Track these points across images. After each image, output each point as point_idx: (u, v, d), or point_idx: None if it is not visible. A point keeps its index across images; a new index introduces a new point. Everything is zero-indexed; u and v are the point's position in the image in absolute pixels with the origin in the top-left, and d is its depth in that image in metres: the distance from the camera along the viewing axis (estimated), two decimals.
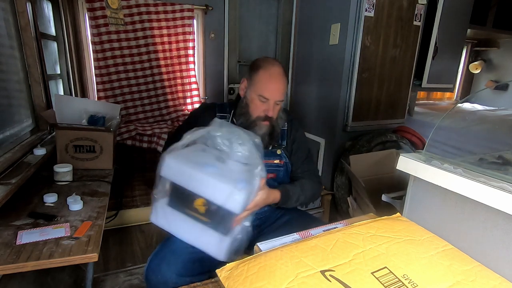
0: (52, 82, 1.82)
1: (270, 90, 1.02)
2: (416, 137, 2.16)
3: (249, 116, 1.06)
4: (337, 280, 0.52)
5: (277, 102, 1.05)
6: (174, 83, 2.35)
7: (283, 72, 1.06)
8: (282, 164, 1.13)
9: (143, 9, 2.09)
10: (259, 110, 1.05)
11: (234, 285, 0.52)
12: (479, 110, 3.45)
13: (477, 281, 0.55)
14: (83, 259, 0.80)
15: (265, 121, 1.05)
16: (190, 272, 0.89)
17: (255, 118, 1.06)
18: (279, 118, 1.10)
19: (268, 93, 1.02)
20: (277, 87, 1.03)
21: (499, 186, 0.58)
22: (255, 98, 1.04)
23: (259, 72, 1.03)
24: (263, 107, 1.04)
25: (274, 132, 1.09)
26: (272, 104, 1.03)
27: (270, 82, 1.02)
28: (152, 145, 2.15)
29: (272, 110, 1.04)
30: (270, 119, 1.05)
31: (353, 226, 0.69)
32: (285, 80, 1.07)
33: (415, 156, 0.75)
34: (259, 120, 1.05)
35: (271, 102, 1.03)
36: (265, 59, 1.08)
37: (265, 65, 1.04)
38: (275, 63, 1.06)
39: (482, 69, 3.86)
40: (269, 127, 1.06)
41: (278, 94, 1.04)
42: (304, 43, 2.40)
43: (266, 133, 1.06)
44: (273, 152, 1.13)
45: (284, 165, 1.14)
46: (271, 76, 1.03)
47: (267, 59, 1.08)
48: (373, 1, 1.85)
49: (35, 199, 1.08)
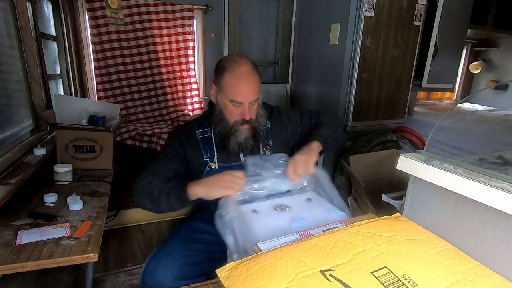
0: (52, 82, 1.82)
1: (242, 92, 0.94)
2: (416, 137, 2.15)
3: (226, 123, 0.99)
4: (337, 280, 0.52)
5: (252, 103, 0.97)
6: (174, 83, 2.35)
7: (252, 67, 0.97)
8: None
9: (143, 9, 2.09)
10: (235, 115, 0.98)
11: (234, 284, 0.52)
12: (479, 110, 3.45)
13: (476, 281, 0.55)
14: (83, 259, 0.80)
15: (243, 125, 0.99)
16: (187, 275, 0.89)
17: (233, 123, 0.99)
18: (259, 117, 1.03)
19: (240, 97, 0.95)
20: (248, 88, 0.95)
21: (499, 186, 0.58)
22: (227, 103, 0.97)
23: (225, 75, 0.95)
24: (238, 111, 0.97)
25: (257, 133, 1.02)
26: (247, 106, 0.96)
27: (239, 85, 0.94)
28: (152, 145, 2.15)
29: (248, 112, 0.96)
30: (249, 121, 0.98)
31: (353, 226, 0.69)
32: (256, 77, 0.97)
33: (415, 156, 0.75)
34: (237, 125, 0.99)
35: (246, 104, 0.96)
36: (229, 58, 0.98)
37: (231, 66, 0.95)
38: (240, 61, 0.96)
39: (482, 69, 3.86)
40: (250, 130, 1.00)
41: (251, 94, 0.96)
42: (304, 43, 2.40)
43: (248, 137, 1.00)
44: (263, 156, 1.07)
45: None
46: (239, 78, 0.94)
47: (231, 57, 0.98)
48: (373, 1, 1.85)
49: (35, 199, 1.08)
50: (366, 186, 1.63)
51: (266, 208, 0.85)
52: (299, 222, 0.77)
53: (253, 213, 0.82)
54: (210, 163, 1.03)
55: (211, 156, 1.04)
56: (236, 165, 1.05)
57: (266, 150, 1.09)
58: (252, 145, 1.03)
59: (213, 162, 1.04)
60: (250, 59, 0.99)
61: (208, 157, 1.04)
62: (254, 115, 1.01)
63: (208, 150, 1.05)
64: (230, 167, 1.03)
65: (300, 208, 0.85)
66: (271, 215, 0.81)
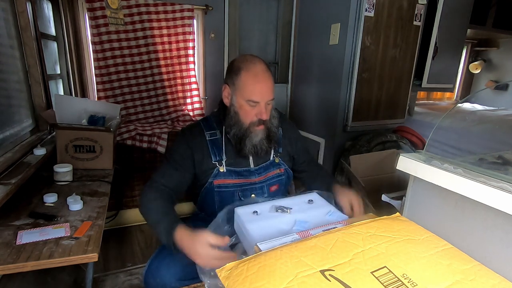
0: (52, 82, 1.82)
1: (259, 92, 0.93)
2: (416, 137, 2.15)
3: (241, 124, 0.97)
4: (337, 280, 0.52)
5: (268, 102, 0.96)
6: (174, 83, 2.35)
7: (267, 67, 0.96)
8: (283, 173, 1.08)
9: (143, 9, 2.09)
10: (251, 116, 0.95)
11: (233, 284, 0.52)
12: (479, 110, 3.45)
13: (476, 280, 0.55)
14: (83, 259, 0.80)
15: (259, 126, 0.97)
16: (189, 275, 0.89)
17: (249, 125, 0.97)
18: (272, 118, 1.02)
19: (258, 96, 0.93)
20: (265, 86, 0.93)
21: (499, 186, 0.57)
22: (243, 104, 0.95)
23: (241, 74, 0.93)
24: (254, 111, 0.95)
25: (271, 134, 1.01)
26: (263, 106, 0.94)
27: (256, 83, 0.93)
28: (152, 145, 2.15)
29: (265, 112, 0.95)
30: (264, 122, 0.97)
31: (353, 226, 0.69)
32: (271, 76, 0.96)
33: (415, 156, 0.75)
34: (253, 126, 0.97)
35: (262, 104, 0.94)
36: (244, 58, 0.97)
37: (246, 65, 0.94)
38: (255, 60, 0.95)
39: (482, 69, 3.86)
40: (264, 131, 0.99)
41: (268, 93, 0.94)
42: (304, 43, 2.40)
43: (263, 138, 0.99)
44: (272, 162, 1.07)
45: (285, 172, 1.09)
46: (256, 76, 0.93)
47: (245, 57, 0.97)
48: (373, 1, 1.85)
49: (35, 199, 1.08)
50: (366, 186, 1.63)
51: (267, 210, 0.84)
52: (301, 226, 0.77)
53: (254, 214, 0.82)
54: (218, 167, 1.01)
55: (220, 159, 1.02)
56: (245, 170, 1.03)
57: (276, 157, 1.08)
58: (267, 146, 1.00)
59: (221, 165, 1.01)
60: (263, 60, 0.98)
61: (217, 160, 1.01)
62: (269, 116, 0.99)
63: (217, 153, 1.02)
64: (239, 172, 1.02)
65: (301, 210, 0.84)
66: (272, 217, 0.81)
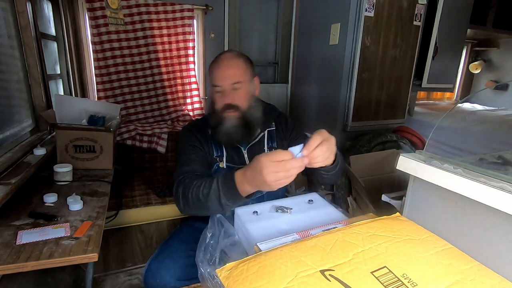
0: (52, 82, 1.82)
1: (219, 76, 0.96)
2: (416, 137, 2.15)
3: (215, 112, 1.00)
4: (337, 280, 0.52)
5: (234, 87, 0.96)
6: (174, 83, 2.35)
7: (236, 55, 0.99)
8: None
9: (143, 9, 2.09)
10: (220, 102, 0.98)
11: (233, 284, 0.52)
12: (479, 110, 3.45)
13: (476, 280, 0.55)
14: (83, 259, 0.80)
15: (230, 111, 0.97)
16: (188, 275, 0.90)
17: (220, 111, 0.98)
18: (252, 107, 1.00)
19: (218, 80, 0.96)
20: (225, 71, 0.96)
21: (499, 186, 0.57)
22: (213, 92, 1.00)
23: (210, 65, 1.00)
24: (222, 97, 0.97)
25: (250, 123, 0.99)
26: (227, 90, 0.95)
27: (218, 68, 0.97)
28: (152, 145, 2.15)
29: (228, 95, 0.95)
30: (235, 108, 0.96)
31: (353, 226, 0.69)
32: (238, 61, 0.98)
33: (415, 156, 0.75)
34: (224, 112, 0.97)
35: (225, 87, 0.95)
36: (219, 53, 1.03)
37: (216, 58, 1.00)
38: (225, 52, 1.01)
39: (482, 69, 3.86)
40: (239, 119, 0.98)
41: (229, 77, 0.95)
42: (304, 43, 2.40)
43: (238, 126, 0.98)
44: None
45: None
46: (218, 62, 0.98)
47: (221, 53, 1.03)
48: (373, 1, 1.85)
49: (35, 199, 1.08)
50: (366, 186, 1.63)
51: (267, 210, 0.85)
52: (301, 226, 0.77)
53: (254, 214, 0.82)
54: (218, 162, 1.03)
55: (221, 154, 1.04)
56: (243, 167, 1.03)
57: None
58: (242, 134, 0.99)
59: (221, 161, 1.03)
60: (238, 51, 1.02)
61: (218, 155, 1.04)
62: (241, 102, 0.97)
63: (218, 148, 1.04)
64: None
65: (301, 210, 0.84)
66: (272, 217, 0.81)
